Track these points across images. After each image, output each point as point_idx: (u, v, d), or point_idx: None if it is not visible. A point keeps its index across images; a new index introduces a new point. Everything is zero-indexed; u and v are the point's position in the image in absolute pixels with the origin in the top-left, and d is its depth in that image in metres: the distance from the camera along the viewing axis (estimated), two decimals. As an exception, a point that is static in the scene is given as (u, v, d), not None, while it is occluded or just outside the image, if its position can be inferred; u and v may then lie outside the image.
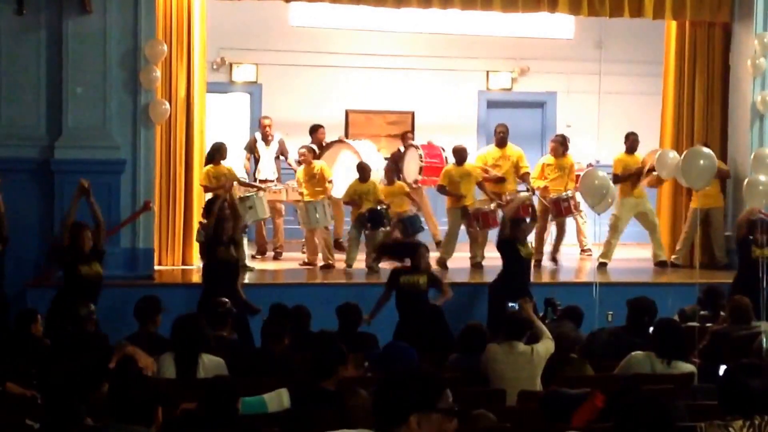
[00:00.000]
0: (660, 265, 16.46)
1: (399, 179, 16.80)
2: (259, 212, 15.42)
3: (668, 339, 9.30)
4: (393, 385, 4.08)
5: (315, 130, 17.75)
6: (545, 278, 15.11)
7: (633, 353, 9.39)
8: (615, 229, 16.35)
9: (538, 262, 16.20)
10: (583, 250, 17.67)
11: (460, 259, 16.19)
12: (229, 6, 15.97)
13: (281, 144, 17.48)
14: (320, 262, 16.00)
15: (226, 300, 10.74)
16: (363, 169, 16.12)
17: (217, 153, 15.42)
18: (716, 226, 16.26)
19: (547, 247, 16.93)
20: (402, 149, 17.94)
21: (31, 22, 14.01)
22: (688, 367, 9.21)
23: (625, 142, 16.56)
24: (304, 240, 16.48)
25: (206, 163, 15.49)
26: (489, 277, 14.13)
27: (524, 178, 16.75)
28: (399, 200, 16.23)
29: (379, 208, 15.54)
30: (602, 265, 16.15)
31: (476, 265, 16.00)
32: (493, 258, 14.57)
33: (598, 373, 9.59)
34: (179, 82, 15.24)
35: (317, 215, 15.63)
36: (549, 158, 16.88)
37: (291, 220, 17.57)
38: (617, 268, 16.20)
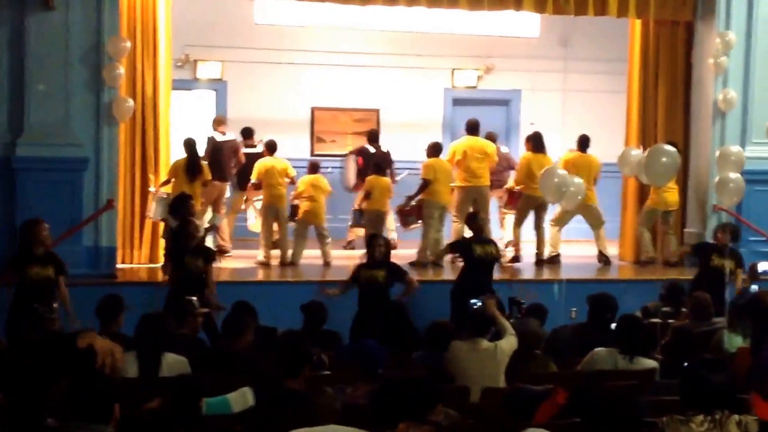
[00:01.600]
0: (603, 259, 16.59)
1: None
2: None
3: (631, 335, 9.32)
4: (393, 389, 4.07)
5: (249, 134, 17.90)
6: (507, 276, 15.09)
7: (596, 349, 9.41)
8: (560, 221, 16.49)
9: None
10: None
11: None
12: (194, 3, 15.97)
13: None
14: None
15: (194, 298, 10.68)
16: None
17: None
18: (674, 223, 16.34)
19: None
20: (372, 149, 17.84)
21: (-8, 19, 13.93)
22: (650, 363, 9.23)
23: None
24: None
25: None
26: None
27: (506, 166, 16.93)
28: (378, 199, 16.22)
29: None
30: (556, 258, 16.29)
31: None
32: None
33: (561, 370, 9.62)
34: (144, 79, 15.20)
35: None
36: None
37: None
38: (580, 265, 16.25)
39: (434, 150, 16.37)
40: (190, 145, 15.67)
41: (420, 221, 16.46)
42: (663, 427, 6.14)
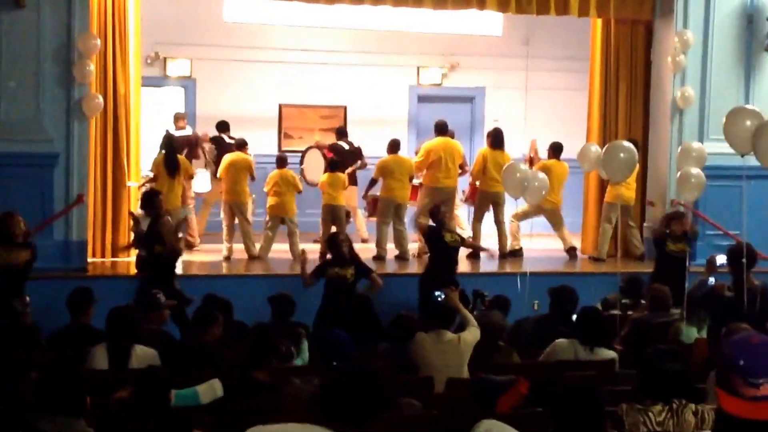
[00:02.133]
0: (571, 252, 16.65)
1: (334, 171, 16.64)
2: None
3: (591, 327, 9.37)
4: (335, 388, 3.99)
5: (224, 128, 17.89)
6: (472, 269, 15.11)
7: (557, 341, 9.45)
8: (519, 217, 16.52)
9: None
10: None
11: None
12: (163, 1, 15.91)
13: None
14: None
15: (158, 291, 10.65)
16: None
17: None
18: (632, 218, 16.41)
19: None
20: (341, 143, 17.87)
21: (-37, 16, 13.86)
22: (609, 354, 9.28)
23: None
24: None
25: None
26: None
27: (463, 168, 16.95)
28: (336, 191, 16.19)
29: None
30: (518, 251, 16.35)
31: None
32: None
33: (523, 361, 9.65)
34: (114, 76, 15.12)
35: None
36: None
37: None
38: (543, 258, 16.30)
39: (391, 147, 16.38)
40: (166, 141, 15.72)
41: (372, 216, 16.61)
42: (622, 415, 6.17)
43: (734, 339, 3.82)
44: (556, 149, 16.71)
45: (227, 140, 17.35)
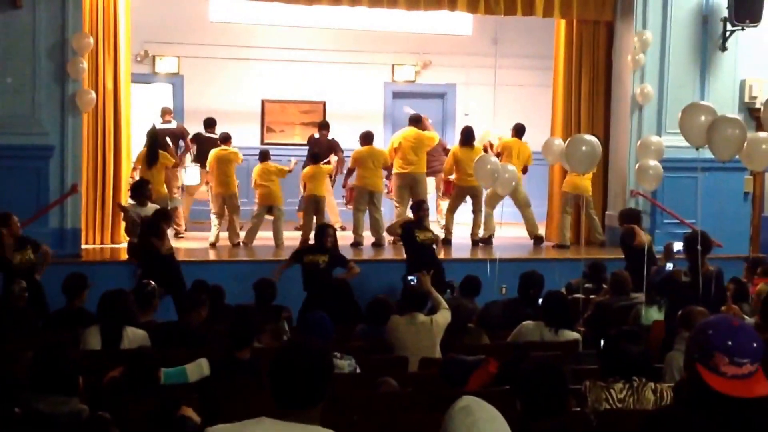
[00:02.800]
0: (537, 240, 16.66)
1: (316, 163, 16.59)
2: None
3: (556, 310, 9.38)
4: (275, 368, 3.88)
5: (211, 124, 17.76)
6: (444, 255, 15.10)
7: (524, 323, 9.46)
8: (490, 203, 16.49)
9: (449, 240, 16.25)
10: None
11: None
12: (152, 2, 15.87)
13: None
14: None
15: (151, 282, 10.60)
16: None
17: None
18: (591, 206, 16.42)
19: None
20: (316, 135, 17.83)
21: (-38, 16, 13.84)
22: (573, 335, 9.29)
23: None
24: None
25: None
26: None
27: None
28: (318, 182, 16.16)
29: None
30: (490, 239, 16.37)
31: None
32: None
33: (492, 342, 9.66)
34: (105, 72, 15.12)
35: None
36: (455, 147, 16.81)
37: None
38: (512, 245, 16.32)
39: (364, 139, 16.37)
40: (148, 134, 15.71)
41: (349, 204, 16.63)
42: (585, 392, 6.19)
43: (714, 321, 3.84)
44: (518, 130, 16.71)
45: (206, 135, 17.32)
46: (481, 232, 16.51)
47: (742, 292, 11.23)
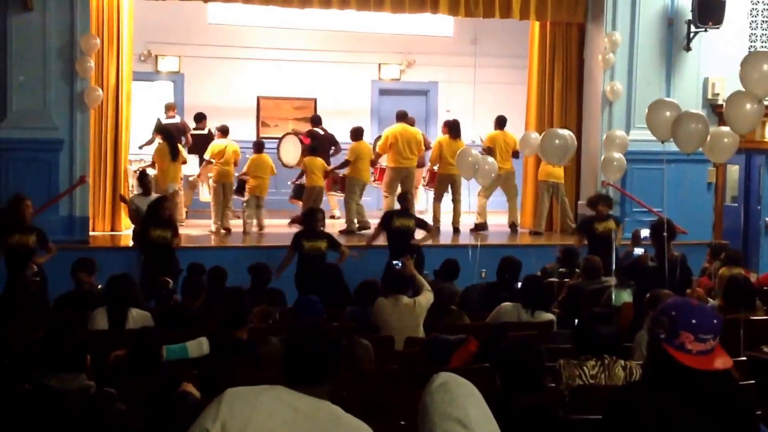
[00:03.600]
0: (512, 227, 16.68)
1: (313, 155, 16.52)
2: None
3: (533, 293, 9.38)
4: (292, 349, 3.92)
5: (200, 119, 17.76)
6: (430, 241, 15.07)
7: (502, 304, 9.46)
8: (484, 195, 16.50)
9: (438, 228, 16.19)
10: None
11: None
12: (154, 5, 15.77)
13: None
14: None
15: (168, 280, 10.57)
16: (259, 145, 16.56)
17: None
18: (564, 196, 16.44)
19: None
20: (320, 132, 17.76)
21: (-23, 18, 13.83)
22: (548, 316, 9.29)
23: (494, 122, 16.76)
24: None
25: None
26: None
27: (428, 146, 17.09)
28: (319, 174, 16.13)
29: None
30: (483, 226, 16.34)
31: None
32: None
33: (472, 322, 9.65)
34: (110, 71, 15.12)
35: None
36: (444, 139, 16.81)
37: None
38: (490, 232, 16.31)
39: (356, 134, 16.40)
40: (162, 130, 15.83)
41: (342, 193, 16.57)
42: (560, 369, 6.19)
43: (675, 303, 3.86)
44: (500, 122, 16.74)
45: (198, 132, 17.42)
46: (474, 220, 16.54)
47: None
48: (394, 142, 16.18)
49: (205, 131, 17.37)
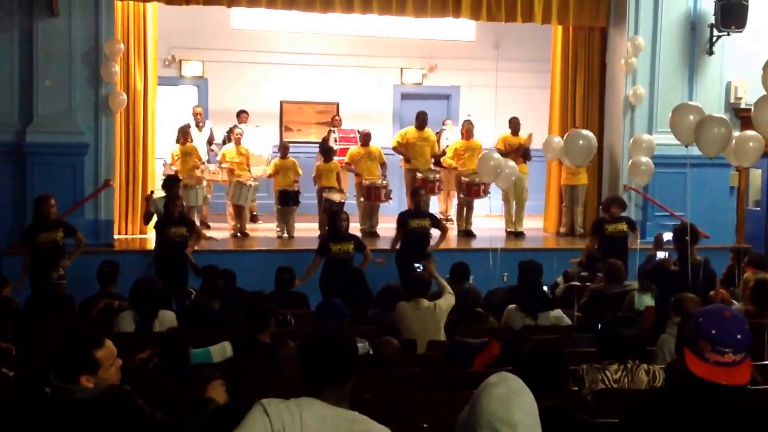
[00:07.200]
0: (517, 234, 16.63)
1: (330, 159, 16.47)
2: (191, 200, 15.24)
3: (529, 298, 9.44)
4: (305, 351, 3.94)
5: (239, 114, 17.83)
6: (453, 245, 15.04)
7: (508, 307, 9.54)
8: (506, 200, 16.49)
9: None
10: (447, 219, 17.29)
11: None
12: (178, 10, 15.81)
13: (211, 131, 17.60)
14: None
15: (191, 291, 10.64)
16: (285, 148, 16.42)
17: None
18: (584, 200, 16.43)
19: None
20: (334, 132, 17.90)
21: (5, 23, 13.92)
22: (553, 317, 9.35)
23: (509, 125, 16.80)
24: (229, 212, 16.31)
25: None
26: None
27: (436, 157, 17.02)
28: (331, 176, 16.09)
29: (289, 189, 15.67)
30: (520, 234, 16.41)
31: (372, 234, 15.93)
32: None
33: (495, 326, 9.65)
34: (135, 76, 15.22)
35: (247, 195, 15.77)
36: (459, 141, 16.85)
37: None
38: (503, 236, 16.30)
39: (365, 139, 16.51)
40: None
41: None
42: (582, 374, 6.18)
43: (708, 310, 3.84)
44: (513, 124, 16.83)
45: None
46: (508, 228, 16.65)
47: (731, 277, 11.30)
48: (405, 143, 16.54)
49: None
